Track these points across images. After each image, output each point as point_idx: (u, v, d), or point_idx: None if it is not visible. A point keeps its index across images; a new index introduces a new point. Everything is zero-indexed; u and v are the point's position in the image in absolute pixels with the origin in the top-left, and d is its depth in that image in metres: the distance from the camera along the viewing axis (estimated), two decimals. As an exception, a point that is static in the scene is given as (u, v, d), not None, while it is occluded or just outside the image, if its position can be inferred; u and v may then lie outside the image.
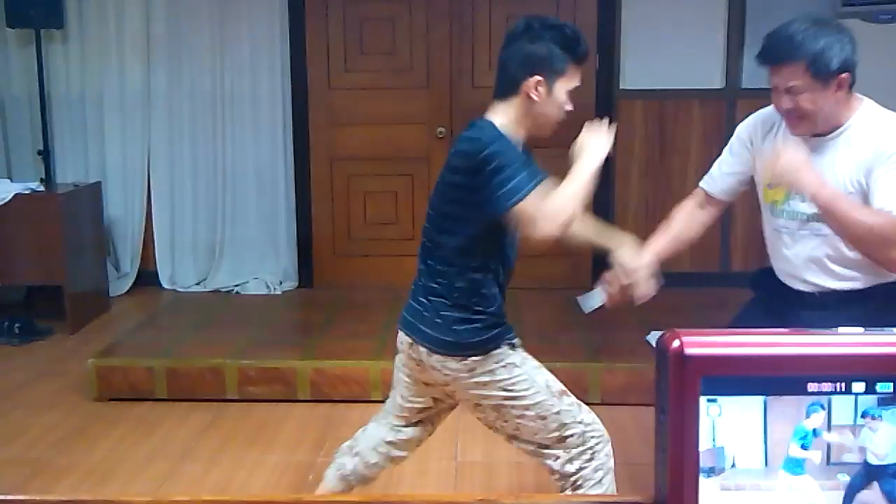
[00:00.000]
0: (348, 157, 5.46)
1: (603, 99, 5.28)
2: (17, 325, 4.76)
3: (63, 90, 5.46)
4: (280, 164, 5.48)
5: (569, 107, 2.23)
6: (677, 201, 2.54)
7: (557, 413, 2.28)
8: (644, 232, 2.44)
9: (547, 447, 2.31)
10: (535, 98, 2.18)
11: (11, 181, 5.09)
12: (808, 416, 0.74)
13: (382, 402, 3.86)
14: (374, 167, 5.44)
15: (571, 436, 2.28)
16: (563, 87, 2.19)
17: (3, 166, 5.52)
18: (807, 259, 2.28)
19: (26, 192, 4.83)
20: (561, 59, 2.18)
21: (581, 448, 2.29)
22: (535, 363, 2.34)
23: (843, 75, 2.13)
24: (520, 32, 2.21)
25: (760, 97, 2.34)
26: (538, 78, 2.17)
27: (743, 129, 2.44)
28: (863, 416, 0.75)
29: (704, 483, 0.75)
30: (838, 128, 2.20)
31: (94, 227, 5.23)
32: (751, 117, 2.43)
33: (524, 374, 2.29)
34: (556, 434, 2.28)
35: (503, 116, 2.21)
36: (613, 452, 2.37)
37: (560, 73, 2.18)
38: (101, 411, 3.87)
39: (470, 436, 3.42)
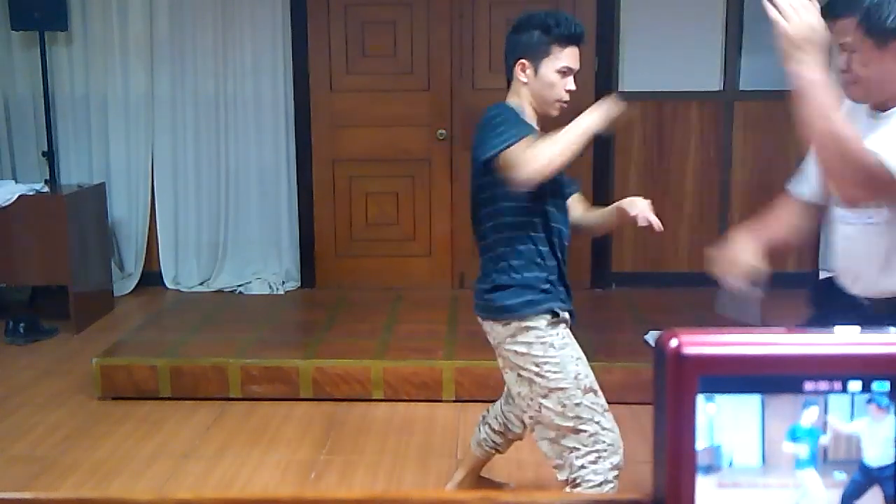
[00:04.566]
0: (350, 159, 5.48)
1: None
2: (22, 324, 4.76)
3: (67, 92, 5.48)
4: (282, 165, 5.50)
5: (570, 86, 2.40)
6: (676, 203, 2.54)
7: (577, 405, 2.36)
8: (642, 234, 2.46)
9: (564, 437, 2.37)
10: (524, 80, 2.40)
11: (16, 182, 5.10)
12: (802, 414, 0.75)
13: (383, 400, 3.95)
14: (375, 169, 5.46)
15: (584, 431, 2.35)
16: (550, 66, 2.37)
17: (8, 168, 5.54)
18: (865, 253, 1.99)
19: (31, 193, 4.84)
20: (542, 41, 2.37)
21: (589, 448, 2.35)
22: (576, 353, 2.42)
23: None
24: (512, 28, 2.45)
25: (758, 99, 2.33)
26: (523, 61, 2.39)
27: None
28: (862, 414, 0.74)
29: (702, 481, 0.75)
30: None
31: (99, 227, 5.24)
32: None
33: (557, 357, 2.38)
34: (571, 424, 2.35)
35: (512, 100, 2.45)
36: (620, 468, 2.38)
37: (544, 53, 2.37)
38: (106, 410, 3.89)
39: (470, 434, 3.43)
